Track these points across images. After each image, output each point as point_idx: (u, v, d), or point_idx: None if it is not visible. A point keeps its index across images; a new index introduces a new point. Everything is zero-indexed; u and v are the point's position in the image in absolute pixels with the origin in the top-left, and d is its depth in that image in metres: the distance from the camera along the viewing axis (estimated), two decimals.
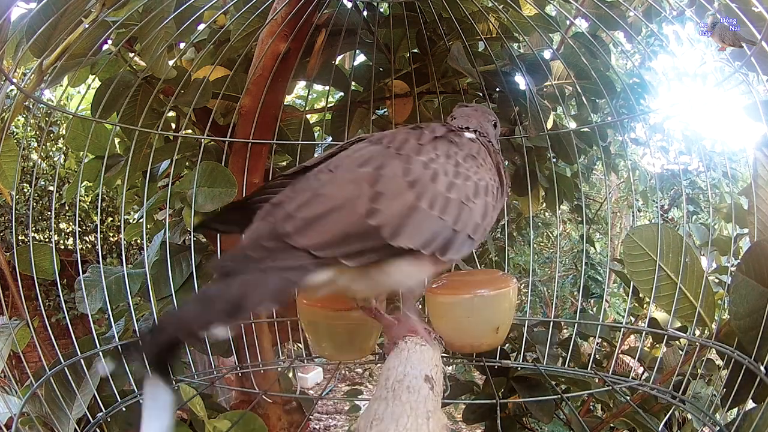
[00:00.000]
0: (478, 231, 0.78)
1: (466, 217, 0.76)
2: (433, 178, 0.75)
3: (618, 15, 1.27)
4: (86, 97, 1.39)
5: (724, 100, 0.94)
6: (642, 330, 1.16)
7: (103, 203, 3.42)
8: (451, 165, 0.78)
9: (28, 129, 3.90)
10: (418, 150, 0.78)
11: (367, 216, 0.67)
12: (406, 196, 0.71)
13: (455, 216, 0.75)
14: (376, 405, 0.59)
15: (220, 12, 1.21)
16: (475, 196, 0.78)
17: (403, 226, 0.69)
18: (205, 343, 1.15)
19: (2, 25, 0.75)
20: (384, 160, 0.75)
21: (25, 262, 0.94)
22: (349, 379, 4.87)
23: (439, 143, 0.82)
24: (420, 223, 0.71)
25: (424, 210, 0.72)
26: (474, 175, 0.80)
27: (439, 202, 0.74)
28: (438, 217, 0.73)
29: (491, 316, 0.98)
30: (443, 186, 0.75)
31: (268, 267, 0.58)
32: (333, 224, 0.65)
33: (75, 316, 1.12)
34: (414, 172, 0.74)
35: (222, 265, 0.58)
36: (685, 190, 3.18)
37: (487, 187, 0.81)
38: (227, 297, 0.54)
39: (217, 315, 0.53)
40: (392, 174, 0.73)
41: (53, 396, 0.90)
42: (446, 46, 1.23)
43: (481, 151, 0.86)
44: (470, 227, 0.77)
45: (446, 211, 0.74)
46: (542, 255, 3.77)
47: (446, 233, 0.74)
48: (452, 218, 0.74)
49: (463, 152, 0.82)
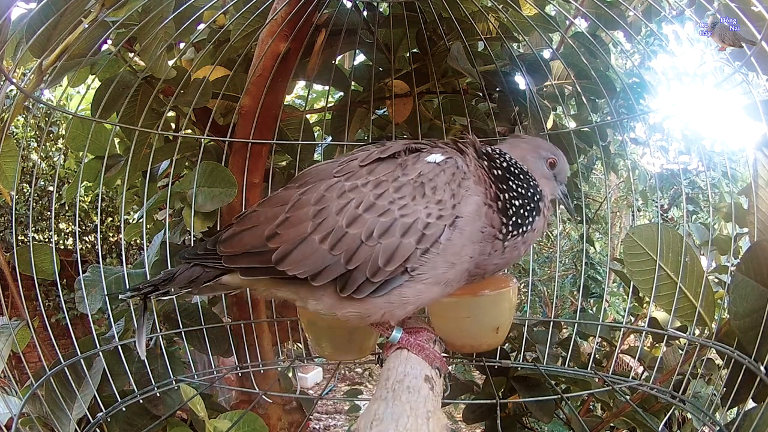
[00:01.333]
0: (379, 275, 0.71)
1: (363, 256, 0.72)
2: (340, 209, 0.73)
3: (618, 14, 1.27)
4: (86, 97, 1.39)
5: (724, 100, 0.94)
6: (642, 330, 1.16)
7: (103, 203, 3.42)
8: (373, 194, 0.73)
9: (27, 129, 3.90)
10: (352, 173, 0.77)
11: (267, 238, 0.76)
12: (303, 225, 0.75)
13: (350, 254, 0.72)
14: (376, 405, 0.59)
15: (220, 12, 1.21)
16: (385, 236, 0.71)
17: (291, 254, 0.74)
18: (205, 343, 1.16)
19: (2, 25, 0.75)
20: (315, 184, 0.78)
21: (25, 262, 0.95)
22: (349, 379, 4.87)
23: (380, 166, 0.77)
24: (307, 254, 0.73)
25: (314, 242, 0.73)
26: (398, 209, 0.72)
27: (334, 236, 0.72)
28: (327, 252, 0.73)
29: (491, 316, 0.98)
30: (347, 219, 0.72)
31: (197, 264, 0.82)
32: (244, 240, 0.78)
33: (75, 316, 1.12)
34: (325, 200, 0.75)
35: (182, 255, 0.87)
36: (684, 189, 3.18)
37: (413, 224, 0.71)
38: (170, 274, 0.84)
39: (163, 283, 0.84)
40: (307, 200, 0.76)
41: (53, 396, 0.90)
42: (446, 46, 1.23)
43: (438, 177, 0.74)
44: (369, 269, 0.72)
45: (338, 247, 0.72)
46: (542, 255, 3.77)
47: (337, 269, 0.73)
48: (346, 255, 0.72)
49: (405, 178, 0.74)
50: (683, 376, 1.05)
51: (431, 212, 0.72)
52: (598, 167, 2.70)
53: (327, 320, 1.00)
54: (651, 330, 1.13)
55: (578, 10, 1.38)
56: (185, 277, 0.83)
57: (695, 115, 2.57)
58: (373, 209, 0.72)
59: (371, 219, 0.72)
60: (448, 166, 0.76)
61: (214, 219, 1.15)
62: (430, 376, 0.70)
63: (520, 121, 1.27)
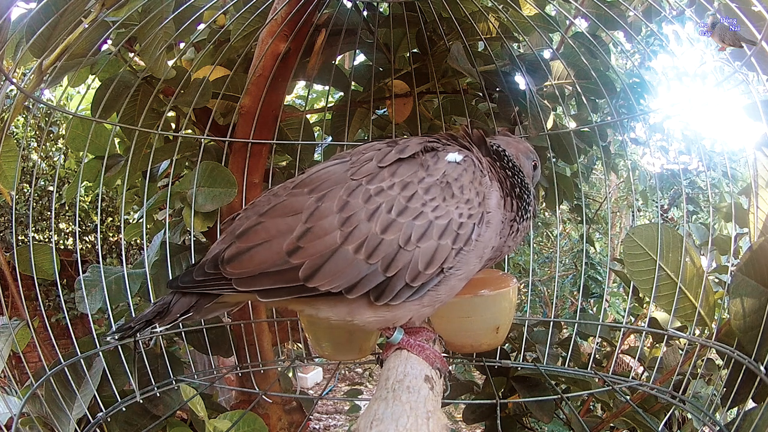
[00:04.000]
0: (419, 279, 0.70)
1: (402, 262, 0.69)
2: (370, 215, 0.69)
3: (618, 15, 1.27)
4: (86, 97, 1.39)
5: (724, 100, 0.94)
6: (642, 330, 1.16)
7: (103, 203, 3.42)
8: (403, 197, 0.70)
9: (28, 129, 3.90)
10: (373, 176, 0.72)
11: (289, 254, 0.69)
12: (331, 236, 0.69)
13: (388, 261, 0.68)
14: (376, 405, 0.59)
15: (220, 12, 1.21)
16: (422, 239, 0.70)
17: (321, 268, 0.68)
18: (205, 343, 1.16)
19: (2, 25, 0.75)
20: (331, 188, 0.72)
21: (25, 262, 0.95)
22: (349, 379, 4.87)
23: (401, 167, 0.74)
24: (341, 267, 0.68)
25: (348, 253, 0.68)
26: (432, 212, 0.71)
27: (369, 244, 0.68)
28: (364, 261, 0.68)
29: (491, 316, 0.98)
30: (380, 226, 0.69)
31: (194, 293, 0.75)
32: (257, 258, 0.71)
33: (75, 316, 1.12)
34: (351, 207, 0.70)
35: (172, 285, 0.77)
36: (684, 189, 3.18)
37: (448, 225, 0.71)
38: (164, 306, 0.75)
39: (158, 316, 0.75)
40: (328, 208, 0.70)
41: (53, 396, 0.90)
42: (446, 46, 1.23)
43: (463, 176, 0.75)
44: (408, 274, 0.69)
45: (375, 255, 0.68)
46: (542, 255, 3.77)
47: (376, 278, 0.69)
48: (384, 263, 0.68)
49: (430, 179, 0.73)
50: (683, 376, 1.05)
51: (462, 212, 0.72)
52: (598, 167, 2.70)
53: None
54: (651, 330, 1.12)
55: (578, 10, 1.38)
56: (183, 305, 0.74)
57: (695, 115, 2.56)
58: (407, 213, 0.70)
59: (407, 223, 0.69)
60: (468, 165, 0.76)
61: (214, 219, 1.15)
62: (430, 376, 0.70)
63: (520, 121, 1.27)
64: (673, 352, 1.18)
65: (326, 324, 1.01)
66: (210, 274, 0.72)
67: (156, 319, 0.75)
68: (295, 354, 1.35)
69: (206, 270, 0.73)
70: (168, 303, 0.75)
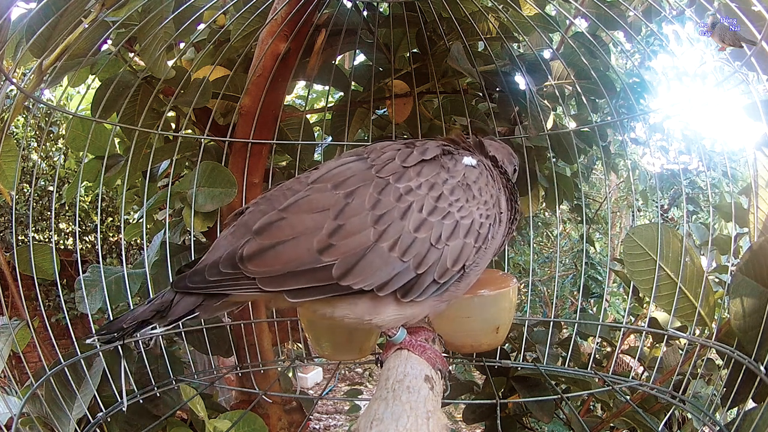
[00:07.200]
0: (446, 275, 0.72)
1: (432, 259, 0.71)
2: (403, 214, 0.70)
3: (618, 14, 1.27)
4: (86, 97, 1.39)
5: (724, 100, 0.94)
6: (642, 330, 1.16)
7: (103, 203, 3.42)
8: (431, 197, 0.72)
9: (27, 129, 3.90)
10: (400, 175, 0.73)
11: (320, 251, 0.68)
12: (366, 234, 0.69)
13: (420, 258, 0.70)
14: (376, 405, 0.59)
15: (220, 12, 1.21)
16: (451, 238, 0.72)
17: (356, 266, 0.68)
18: (205, 343, 1.16)
19: (2, 25, 0.75)
20: (358, 185, 0.72)
21: (25, 262, 0.95)
22: (349, 379, 4.87)
23: (426, 167, 0.75)
24: (376, 264, 0.68)
25: (383, 250, 0.69)
26: (457, 212, 0.73)
27: (403, 242, 0.69)
28: (398, 259, 0.69)
29: (491, 316, 0.98)
30: (413, 224, 0.70)
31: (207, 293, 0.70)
32: (284, 257, 0.68)
33: (75, 316, 1.12)
34: (383, 205, 0.70)
35: (179, 284, 0.71)
36: (684, 189, 3.18)
37: (471, 225, 0.74)
38: (164, 305, 0.70)
39: (157, 315, 0.70)
40: (359, 205, 0.70)
41: (53, 396, 0.90)
42: (446, 46, 1.23)
43: (480, 179, 0.78)
44: (437, 271, 0.72)
45: (409, 253, 0.70)
46: (542, 255, 3.77)
47: (407, 275, 0.70)
48: (415, 261, 0.70)
49: (453, 180, 0.75)
50: (683, 376, 1.05)
51: (482, 212, 0.76)
52: (598, 167, 2.70)
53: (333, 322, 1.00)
54: (651, 330, 1.13)
55: (578, 10, 1.38)
56: (187, 305, 0.70)
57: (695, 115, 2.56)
58: (436, 212, 0.72)
59: (436, 222, 0.72)
60: (482, 169, 0.80)
61: (214, 219, 1.15)
62: (430, 376, 0.70)
63: (520, 121, 1.27)
64: (673, 352, 1.18)
65: (327, 324, 1.02)
66: (227, 273, 0.69)
67: (155, 319, 0.70)
68: (295, 354, 1.35)
69: (221, 269, 0.69)
70: (168, 302, 0.71)
